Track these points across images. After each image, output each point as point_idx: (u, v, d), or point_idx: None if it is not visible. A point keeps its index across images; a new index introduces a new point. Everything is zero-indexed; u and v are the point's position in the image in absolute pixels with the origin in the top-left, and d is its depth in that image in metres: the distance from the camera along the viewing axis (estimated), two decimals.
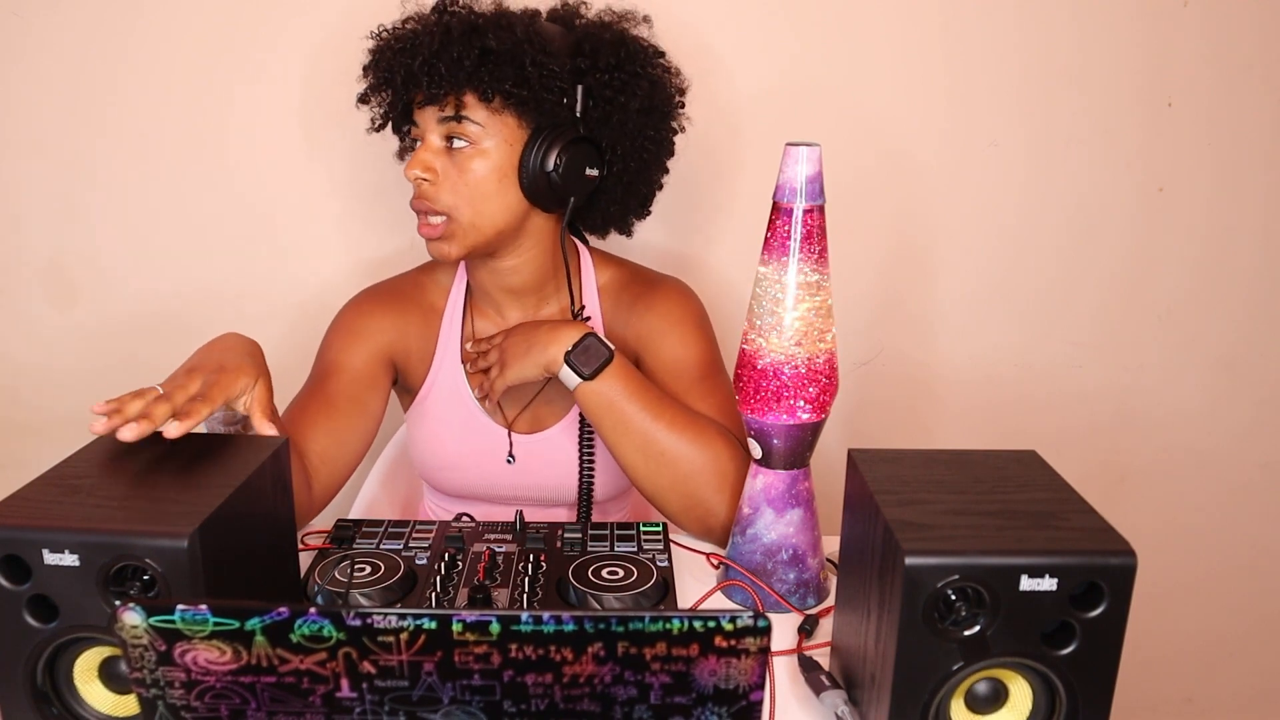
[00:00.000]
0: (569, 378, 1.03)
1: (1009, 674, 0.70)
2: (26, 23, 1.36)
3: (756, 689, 0.54)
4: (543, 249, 1.13)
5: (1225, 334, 1.57)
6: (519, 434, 1.18)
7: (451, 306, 1.18)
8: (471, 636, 0.52)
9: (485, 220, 1.05)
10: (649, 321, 1.15)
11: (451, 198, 1.04)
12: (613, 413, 1.03)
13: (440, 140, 1.04)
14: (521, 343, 1.06)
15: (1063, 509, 0.72)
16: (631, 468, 1.05)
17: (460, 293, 1.19)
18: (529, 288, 1.15)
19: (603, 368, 1.02)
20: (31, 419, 1.53)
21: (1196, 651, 1.76)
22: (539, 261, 1.13)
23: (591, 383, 1.02)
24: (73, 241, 1.46)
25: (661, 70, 1.11)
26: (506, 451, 1.17)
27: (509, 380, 1.06)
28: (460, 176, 1.03)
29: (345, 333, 1.15)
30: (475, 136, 1.03)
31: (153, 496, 0.74)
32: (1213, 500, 1.66)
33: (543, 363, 1.04)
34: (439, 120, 1.03)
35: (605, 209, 1.14)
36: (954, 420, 1.60)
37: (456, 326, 1.18)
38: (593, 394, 1.03)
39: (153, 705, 0.56)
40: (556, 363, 1.03)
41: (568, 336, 1.04)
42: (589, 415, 1.05)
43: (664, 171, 1.16)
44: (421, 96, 1.03)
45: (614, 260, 1.21)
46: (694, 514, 1.05)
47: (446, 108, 1.02)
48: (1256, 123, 1.47)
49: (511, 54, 1.00)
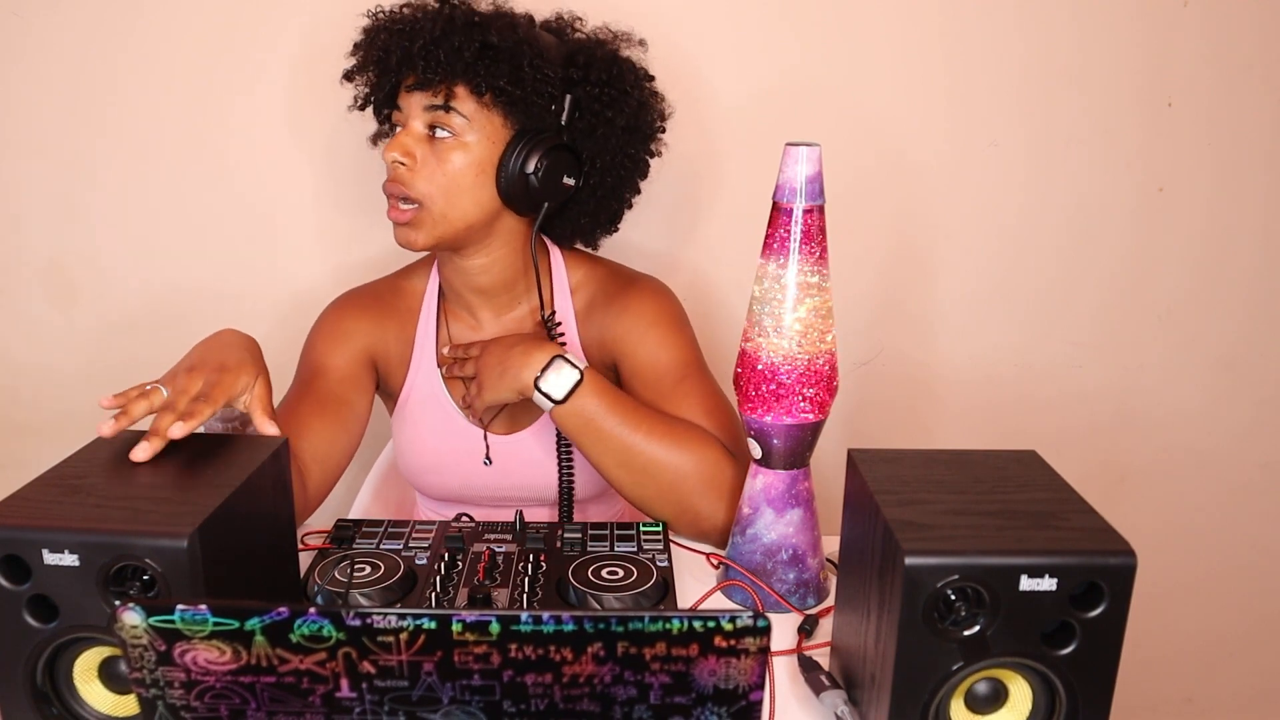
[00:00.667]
0: (542, 402, 1.03)
1: (1009, 674, 0.70)
2: (26, 23, 1.36)
3: (756, 689, 0.54)
4: (512, 249, 1.13)
5: (1225, 334, 1.57)
6: (496, 435, 1.18)
7: (426, 309, 1.19)
8: (471, 636, 0.52)
9: (456, 213, 1.06)
10: (625, 323, 1.14)
11: (426, 186, 1.04)
12: (590, 430, 1.03)
13: (423, 127, 1.04)
14: (496, 366, 1.06)
15: (1063, 509, 0.72)
16: (616, 482, 1.05)
17: (434, 295, 1.19)
18: (498, 288, 1.15)
19: (574, 389, 1.02)
20: (31, 419, 1.53)
21: (1196, 651, 1.76)
22: (507, 262, 1.13)
23: (565, 405, 1.02)
24: (73, 241, 1.46)
25: (649, 93, 1.13)
26: (484, 454, 1.18)
27: (487, 402, 1.07)
28: (439, 166, 1.04)
29: (327, 335, 1.15)
30: (460, 129, 1.03)
31: (153, 496, 0.74)
32: (1213, 500, 1.66)
33: (516, 388, 1.04)
34: (425, 108, 1.03)
35: (575, 220, 1.15)
36: (954, 420, 1.60)
37: (431, 329, 1.18)
38: (568, 415, 1.03)
39: (153, 705, 0.56)
40: (528, 388, 1.03)
41: (537, 360, 1.03)
42: (567, 435, 1.05)
43: (636, 191, 1.17)
44: (413, 80, 1.03)
45: (588, 259, 1.21)
46: (685, 520, 1.05)
47: (437, 95, 1.02)
48: (1256, 123, 1.47)
49: (511, 52, 1.01)
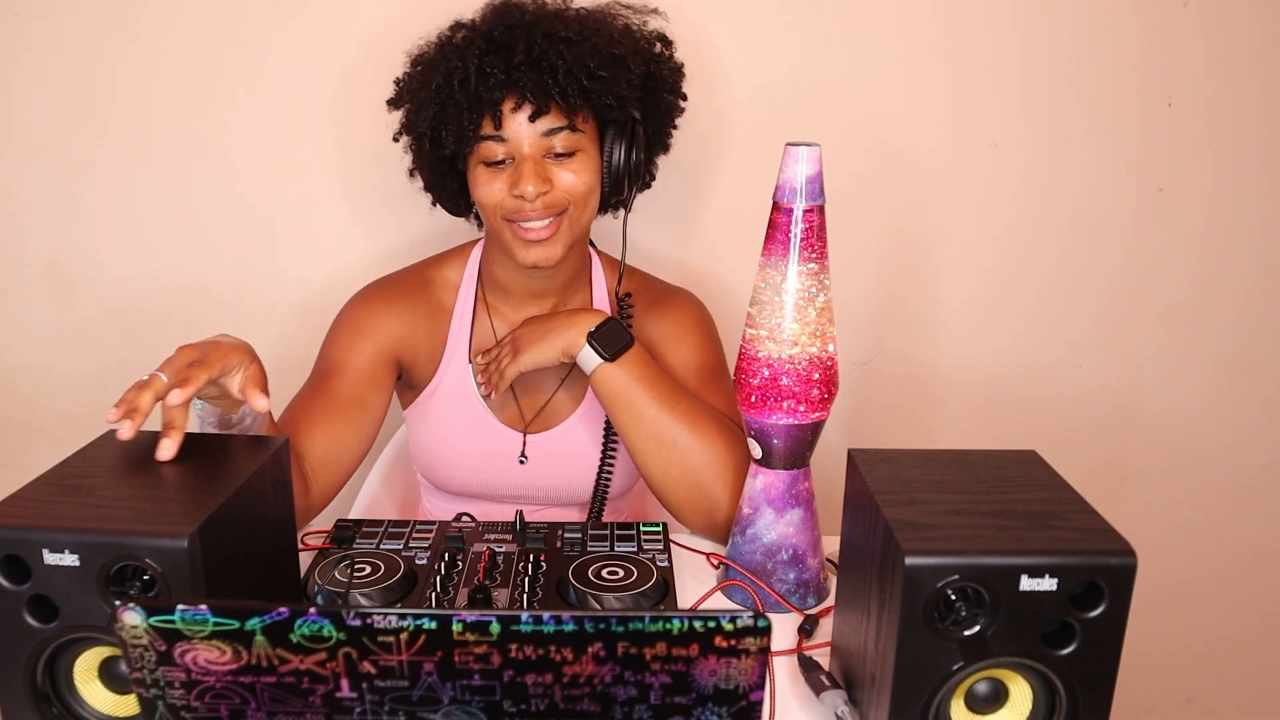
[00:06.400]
0: (589, 359, 1.04)
1: (1009, 674, 0.70)
2: (26, 23, 1.36)
3: (756, 689, 0.54)
4: (582, 247, 1.15)
5: (1225, 334, 1.57)
6: (526, 433, 1.18)
7: (461, 305, 1.18)
8: (471, 636, 0.52)
9: (587, 217, 1.09)
10: (661, 329, 1.17)
11: (564, 199, 1.06)
12: (628, 397, 1.04)
13: (540, 149, 1.04)
14: (538, 328, 1.07)
15: (1063, 509, 0.72)
16: (643, 455, 1.05)
17: (470, 291, 1.18)
18: (555, 288, 1.16)
19: (623, 350, 1.04)
20: (31, 419, 1.53)
21: (1196, 651, 1.76)
22: (574, 260, 1.15)
23: (611, 365, 1.03)
24: (73, 241, 1.46)
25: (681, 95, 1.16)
26: (517, 452, 1.17)
27: (522, 366, 1.06)
28: (574, 178, 1.05)
29: (350, 330, 1.14)
30: (581, 142, 1.06)
31: (153, 496, 0.74)
32: (1213, 500, 1.66)
33: (561, 345, 1.05)
34: (545, 133, 1.03)
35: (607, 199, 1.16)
36: (954, 420, 1.60)
37: (466, 325, 1.18)
38: (612, 377, 1.04)
39: (153, 705, 0.56)
40: (576, 345, 1.04)
41: (588, 320, 1.05)
42: (604, 401, 1.05)
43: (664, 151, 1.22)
44: (532, 109, 1.02)
45: (626, 268, 1.21)
46: (700, 507, 1.05)
47: (560, 118, 1.03)
48: (1256, 123, 1.47)
49: (624, 62, 1.04)
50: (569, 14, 1.07)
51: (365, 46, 1.36)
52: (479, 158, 1.06)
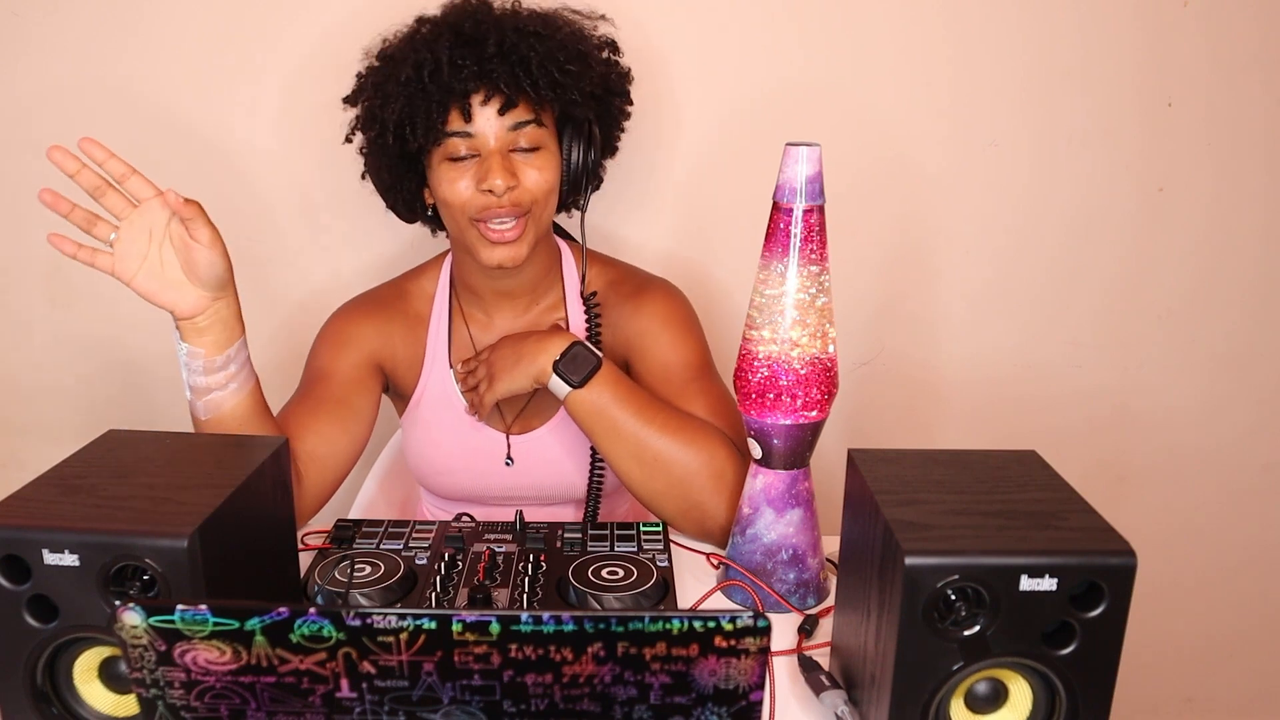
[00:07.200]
0: (559, 387, 1.03)
1: (1009, 674, 0.70)
2: (26, 23, 1.36)
3: (756, 689, 0.54)
4: (547, 246, 1.14)
5: (1225, 334, 1.57)
6: (512, 434, 1.18)
7: (437, 313, 1.18)
8: (471, 636, 0.52)
9: (547, 216, 1.09)
10: (639, 323, 1.15)
11: (528, 197, 1.05)
12: (604, 419, 1.03)
13: (506, 143, 1.04)
14: (510, 355, 1.06)
15: (1063, 509, 0.72)
16: (626, 474, 1.05)
17: (444, 298, 1.18)
18: (525, 288, 1.16)
19: (591, 375, 1.03)
20: (31, 419, 1.53)
21: (1196, 651, 1.76)
22: (540, 259, 1.14)
23: (581, 391, 1.03)
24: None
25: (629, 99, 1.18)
26: (503, 454, 1.17)
27: (498, 394, 1.07)
28: (539, 175, 1.05)
29: (331, 342, 1.15)
30: (544, 137, 1.05)
31: (153, 496, 0.74)
32: (1213, 500, 1.66)
33: (532, 374, 1.04)
34: (512, 127, 1.03)
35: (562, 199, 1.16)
36: (954, 420, 1.60)
37: (443, 332, 1.18)
38: (583, 402, 1.03)
39: (153, 705, 0.56)
40: (546, 373, 1.04)
41: (555, 346, 1.04)
42: (580, 424, 1.05)
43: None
44: (501, 101, 1.02)
45: (600, 259, 1.21)
46: (691, 517, 1.05)
47: (528, 111, 1.03)
48: (1256, 123, 1.47)
49: (588, 58, 1.05)
50: (528, 13, 1.07)
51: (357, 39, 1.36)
52: (443, 154, 1.05)
